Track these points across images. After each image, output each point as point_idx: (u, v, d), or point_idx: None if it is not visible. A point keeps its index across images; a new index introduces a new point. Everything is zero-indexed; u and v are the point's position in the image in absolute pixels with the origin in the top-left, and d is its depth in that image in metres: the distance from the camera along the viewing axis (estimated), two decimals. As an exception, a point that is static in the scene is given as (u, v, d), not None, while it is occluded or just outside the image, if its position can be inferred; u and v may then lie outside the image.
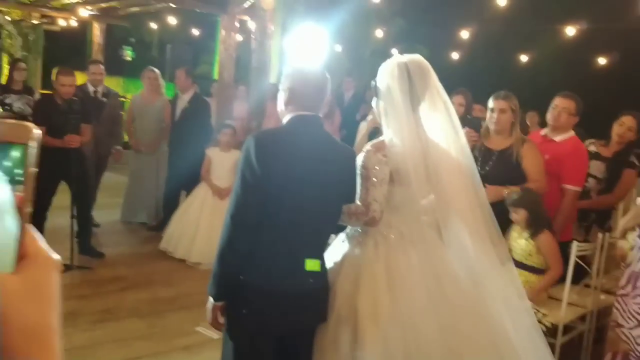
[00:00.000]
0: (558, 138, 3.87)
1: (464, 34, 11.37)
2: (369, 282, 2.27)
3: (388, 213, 2.32)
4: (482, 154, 3.58)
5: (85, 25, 11.79)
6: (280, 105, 2.30)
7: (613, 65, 11.92)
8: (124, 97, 15.30)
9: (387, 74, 2.34)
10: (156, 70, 6.46)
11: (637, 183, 4.44)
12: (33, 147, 0.52)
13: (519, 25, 11.81)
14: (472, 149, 3.49)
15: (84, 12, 9.52)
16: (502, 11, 9.68)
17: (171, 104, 6.16)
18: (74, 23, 10.74)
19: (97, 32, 10.14)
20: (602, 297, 3.69)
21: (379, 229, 2.33)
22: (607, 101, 5.11)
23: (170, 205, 5.91)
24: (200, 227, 5.30)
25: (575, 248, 3.28)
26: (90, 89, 5.89)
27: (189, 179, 5.72)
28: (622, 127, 4.34)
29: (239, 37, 8.06)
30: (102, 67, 6.06)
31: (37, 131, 0.53)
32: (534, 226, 3.34)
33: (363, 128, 3.97)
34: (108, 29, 10.40)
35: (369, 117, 3.47)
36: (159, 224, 5.99)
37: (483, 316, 2.31)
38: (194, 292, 4.42)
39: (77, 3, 9.27)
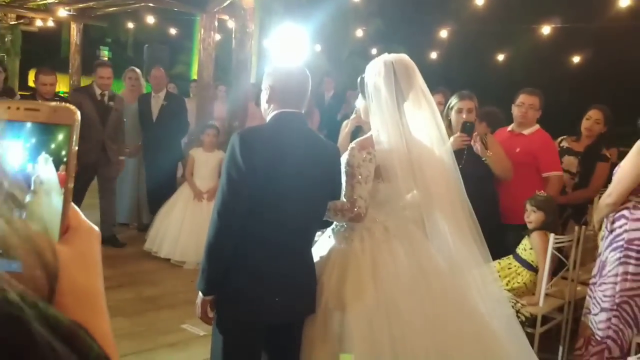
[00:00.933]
0: (526, 131, 4.07)
1: (442, 34, 11.51)
2: (355, 275, 2.33)
3: (373, 208, 2.38)
4: (456, 150, 3.71)
5: (61, 25, 11.66)
6: (263, 103, 2.34)
7: (586, 63, 12.18)
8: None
9: (374, 73, 2.40)
10: (137, 70, 6.44)
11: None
12: (76, 128, 0.57)
13: (495, 25, 11.99)
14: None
15: (62, 12, 9.41)
16: (479, 11, 9.83)
17: (144, 103, 6.12)
18: (50, 23, 10.62)
19: (74, 32, 10.03)
20: (579, 288, 3.80)
21: (364, 224, 2.39)
22: (580, 98, 5.25)
23: (154, 204, 5.89)
24: (184, 226, 5.31)
25: (552, 240, 3.38)
26: (97, 91, 5.55)
27: (169, 177, 5.73)
28: (589, 120, 4.49)
29: (217, 37, 8.06)
30: (111, 70, 5.65)
31: (79, 113, 0.58)
32: (540, 228, 3.51)
33: (345, 126, 4.02)
34: (85, 29, 10.30)
35: (352, 116, 3.54)
36: (148, 224, 5.97)
37: (466, 309, 2.38)
38: (178, 290, 4.43)
39: (55, 3, 9.17)
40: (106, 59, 13.85)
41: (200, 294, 2.24)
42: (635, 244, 3.05)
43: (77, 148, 0.57)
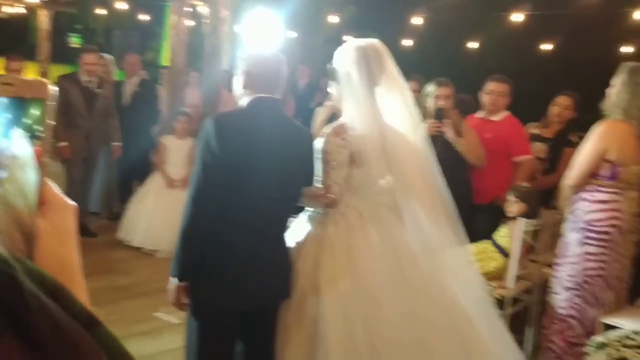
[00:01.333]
0: (496, 118, 4.15)
1: (415, 21, 11.53)
2: (329, 259, 2.34)
3: (347, 194, 2.40)
4: (430, 136, 3.75)
5: (30, 12, 11.37)
6: (238, 88, 2.33)
7: (557, 50, 12.35)
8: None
9: (345, 58, 2.40)
10: (107, 56, 6.34)
11: None
12: (51, 103, 0.56)
13: (468, 12, 12.05)
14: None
15: (32, -2, 9.20)
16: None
17: (116, 89, 6.02)
18: (19, 10, 10.36)
19: (43, 18, 9.80)
20: (547, 271, 3.89)
21: (338, 210, 2.41)
22: (551, 85, 5.32)
23: (125, 192, 5.83)
24: (156, 214, 5.26)
25: (521, 224, 3.44)
26: (84, 78, 5.32)
27: (141, 165, 5.67)
28: (558, 107, 4.57)
29: (190, 23, 7.95)
30: (97, 56, 5.44)
31: (53, 87, 0.57)
32: (519, 216, 3.56)
33: (320, 113, 4.01)
34: (54, 15, 10.06)
35: (328, 103, 3.54)
36: (119, 213, 5.91)
37: (440, 293, 2.41)
38: (151, 279, 4.41)
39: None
40: (76, 45, 13.59)
41: (173, 279, 2.23)
42: (595, 224, 3.14)
43: (53, 122, 0.57)
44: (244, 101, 2.31)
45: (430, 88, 3.81)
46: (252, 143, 2.17)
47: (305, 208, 2.53)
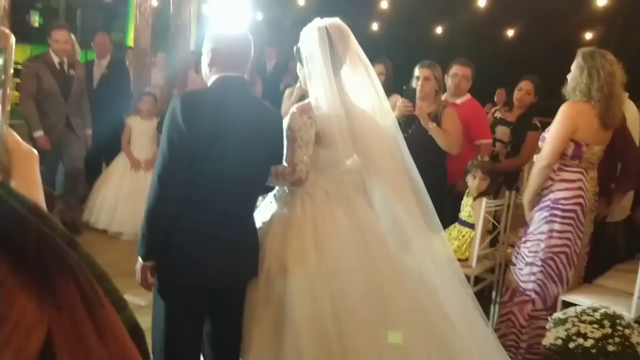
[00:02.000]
0: (459, 101, 4.20)
1: (383, 5, 11.54)
2: (296, 239, 2.36)
3: (314, 173, 2.41)
4: (405, 120, 3.77)
5: (-15, -13, 10.95)
6: (204, 67, 2.31)
7: (521, 35, 12.54)
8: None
9: (309, 39, 2.40)
10: (71, 35, 6.17)
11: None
12: (10, 51, 0.57)
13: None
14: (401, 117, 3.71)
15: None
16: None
17: (85, 69, 5.91)
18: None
19: (0, -5, 9.47)
20: (509, 250, 3.99)
21: (305, 189, 2.42)
22: (516, 70, 5.42)
23: (92, 175, 5.74)
24: (121, 196, 5.21)
25: (484, 204, 3.52)
26: (55, 59, 4.91)
27: (109, 147, 5.57)
28: (520, 91, 4.67)
29: (154, 2, 7.80)
30: (67, 32, 5.01)
31: (13, 36, 0.58)
32: (484, 194, 3.64)
33: (289, 95, 4.01)
34: (12, -8, 9.73)
35: (297, 85, 3.53)
36: (86, 195, 5.82)
37: (405, 273, 2.46)
38: (117, 262, 4.30)
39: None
40: (37, 25, 13.17)
41: (140, 259, 2.22)
42: (561, 203, 3.23)
43: (12, 72, 0.58)
44: (210, 80, 2.29)
45: (415, 70, 3.84)
46: (219, 122, 2.15)
47: (273, 188, 2.54)
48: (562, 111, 3.23)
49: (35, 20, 13.05)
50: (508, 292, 3.49)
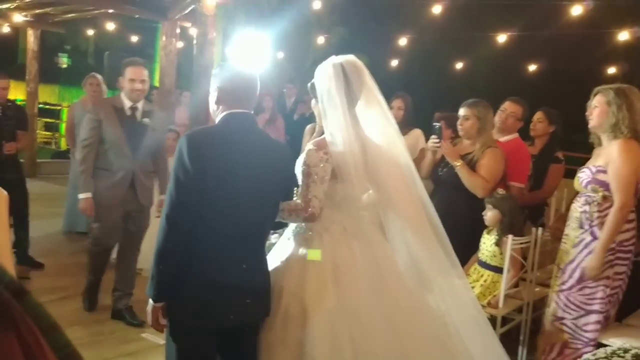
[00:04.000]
0: (503, 139, 4.10)
1: (402, 42, 11.67)
2: (315, 278, 2.32)
3: (331, 209, 2.39)
4: (443, 158, 3.75)
5: (18, 31, 11.35)
6: (212, 105, 2.33)
7: (542, 69, 12.53)
8: (60, 105, 14.86)
9: (324, 75, 2.41)
10: (98, 76, 6.35)
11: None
12: None
13: (454, 33, 12.23)
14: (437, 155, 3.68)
15: (18, 17, 9.18)
16: (437, 20, 10.01)
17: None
18: (6, 29, 10.34)
19: (31, 38, 9.81)
20: (537, 289, 3.89)
21: (323, 225, 2.39)
22: (537, 104, 5.38)
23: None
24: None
25: (511, 242, 3.44)
26: (126, 104, 3.99)
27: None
28: (532, 122, 4.60)
29: (179, 44, 8.00)
30: (146, 72, 4.08)
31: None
32: (504, 230, 3.52)
33: (309, 130, 4.03)
34: (42, 35, 10.07)
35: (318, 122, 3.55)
36: None
37: (424, 310, 2.40)
38: (138, 298, 4.34)
39: (10, 9, 8.95)
40: (65, 66, 13.58)
41: (150, 300, 2.20)
42: (624, 245, 3.13)
43: None
44: (218, 117, 2.31)
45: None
46: (227, 159, 2.15)
47: (289, 225, 2.51)
48: (623, 149, 3.06)
49: (64, 62, 13.45)
50: (555, 348, 3.29)
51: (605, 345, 2.95)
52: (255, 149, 2.24)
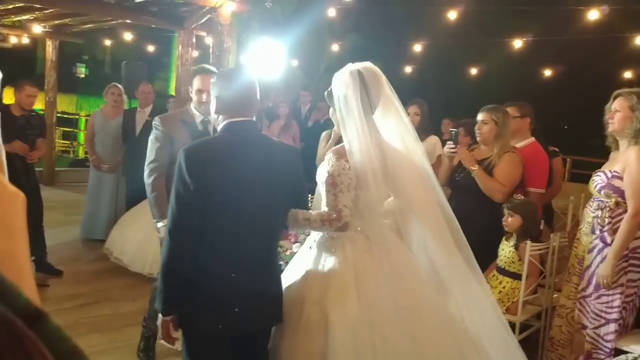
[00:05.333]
0: (520, 144, 4.04)
1: (416, 48, 11.67)
2: (337, 287, 2.30)
3: (354, 217, 2.37)
4: (460, 164, 3.74)
5: (37, 42, 11.52)
6: (212, 114, 2.34)
7: (557, 75, 12.44)
8: (78, 115, 15.04)
9: (342, 82, 2.39)
10: (120, 86, 6.46)
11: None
12: None
13: (467, 39, 12.20)
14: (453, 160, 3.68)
15: (37, 28, 9.32)
16: (451, 26, 10.00)
17: (128, 118, 6.11)
18: (25, 40, 10.51)
19: (49, 49, 9.95)
20: (555, 295, 3.85)
21: (346, 233, 2.38)
22: (552, 109, 5.36)
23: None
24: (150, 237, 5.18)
25: (529, 247, 3.41)
26: (198, 117, 3.46)
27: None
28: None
29: (195, 53, 8.07)
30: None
31: None
32: (523, 235, 3.49)
33: (325, 137, 4.04)
34: (60, 45, 10.22)
35: (334, 128, 3.57)
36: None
37: (446, 318, 2.37)
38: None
39: (29, 20, 9.10)
40: (83, 76, 13.74)
41: (160, 315, 2.23)
42: (638, 252, 3.09)
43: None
44: (219, 126, 2.31)
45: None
46: (228, 168, 2.15)
47: (311, 233, 2.51)
48: (636, 154, 3.04)
49: (82, 71, 13.61)
50: (580, 358, 3.24)
51: (624, 352, 2.92)
52: (259, 158, 2.23)
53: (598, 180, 3.20)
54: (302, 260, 2.49)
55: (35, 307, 0.48)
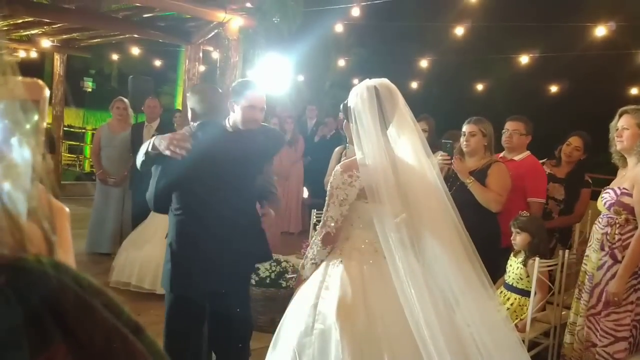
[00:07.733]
0: (517, 157, 4.11)
1: (422, 64, 11.71)
2: (346, 299, 2.31)
3: (362, 229, 2.41)
4: (451, 177, 3.74)
5: (44, 56, 11.61)
6: (190, 123, 2.98)
7: (564, 91, 12.46)
8: (84, 129, 15.11)
9: (358, 97, 2.44)
10: (126, 100, 6.49)
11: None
12: (44, 104, 0.54)
13: (473, 55, 12.24)
14: (445, 172, 3.67)
15: (46, 43, 9.40)
16: (457, 42, 10.04)
17: (136, 132, 6.14)
18: (33, 54, 10.59)
19: (57, 63, 10.03)
20: (564, 312, 3.82)
21: (353, 245, 2.41)
22: (560, 125, 5.35)
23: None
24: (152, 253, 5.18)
25: (537, 265, 3.39)
26: (235, 126, 3.08)
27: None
28: (569, 146, 4.57)
29: (202, 68, 8.12)
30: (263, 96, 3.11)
31: (46, 88, 0.55)
32: (532, 252, 3.49)
33: (338, 152, 4.06)
34: (68, 60, 10.30)
35: (347, 144, 3.61)
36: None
37: (455, 331, 2.36)
38: (162, 320, 4.35)
39: (38, 34, 9.18)
40: (90, 90, 13.82)
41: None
42: None
43: (45, 124, 0.54)
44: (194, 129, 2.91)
45: (463, 126, 3.84)
46: (198, 158, 2.74)
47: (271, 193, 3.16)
48: None
49: (89, 85, 13.70)
50: None
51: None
52: (225, 145, 2.87)
53: (607, 197, 3.19)
54: (314, 275, 2.50)
55: (135, 321, 0.48)
